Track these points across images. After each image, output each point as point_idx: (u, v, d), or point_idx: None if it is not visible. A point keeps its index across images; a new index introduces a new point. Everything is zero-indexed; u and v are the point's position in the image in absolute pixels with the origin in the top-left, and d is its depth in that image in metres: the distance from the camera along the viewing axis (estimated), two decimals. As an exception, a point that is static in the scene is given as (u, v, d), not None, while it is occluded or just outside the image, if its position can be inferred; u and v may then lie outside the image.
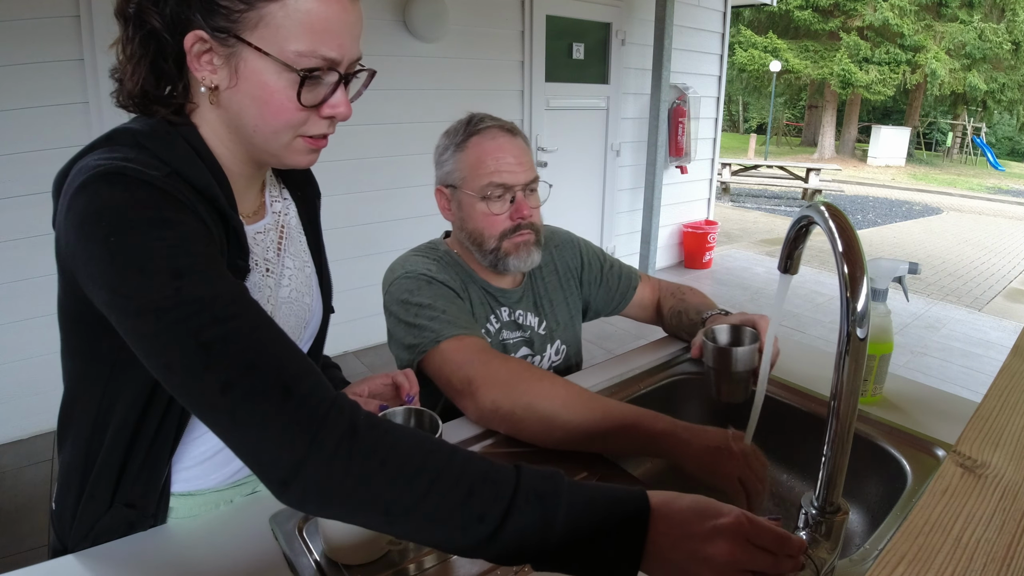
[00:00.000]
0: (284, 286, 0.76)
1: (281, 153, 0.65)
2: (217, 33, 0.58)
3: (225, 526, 0.75)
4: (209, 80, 0.61)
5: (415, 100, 3.30)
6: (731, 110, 25.78)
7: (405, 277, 1.09)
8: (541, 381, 0.91)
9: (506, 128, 1.12)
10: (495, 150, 1.08)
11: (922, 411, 1.04)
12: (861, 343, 0.53)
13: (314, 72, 0.60)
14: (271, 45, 0.58)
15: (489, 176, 1.08)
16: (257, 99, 0.60)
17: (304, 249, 0.82)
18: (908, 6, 15.13)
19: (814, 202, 0.60)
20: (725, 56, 5.01)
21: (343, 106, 0.64)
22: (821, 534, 0.58)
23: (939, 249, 6.68)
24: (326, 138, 0.67)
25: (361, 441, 0.49)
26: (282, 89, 0.60)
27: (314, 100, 0.62)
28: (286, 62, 0.58)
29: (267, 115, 0.61)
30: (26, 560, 0.72)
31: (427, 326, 1.01)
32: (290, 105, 0.61)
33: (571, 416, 0.87)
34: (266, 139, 0.63)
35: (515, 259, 1.12)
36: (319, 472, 0.47)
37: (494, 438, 0.95)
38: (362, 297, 3.39)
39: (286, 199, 0.81)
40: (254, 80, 0.60)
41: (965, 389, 3.12)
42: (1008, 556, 0.35)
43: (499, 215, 1.10)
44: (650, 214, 4.42)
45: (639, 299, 1.36)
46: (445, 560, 0.70)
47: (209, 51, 0.59)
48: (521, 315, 1.21)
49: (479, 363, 0.95)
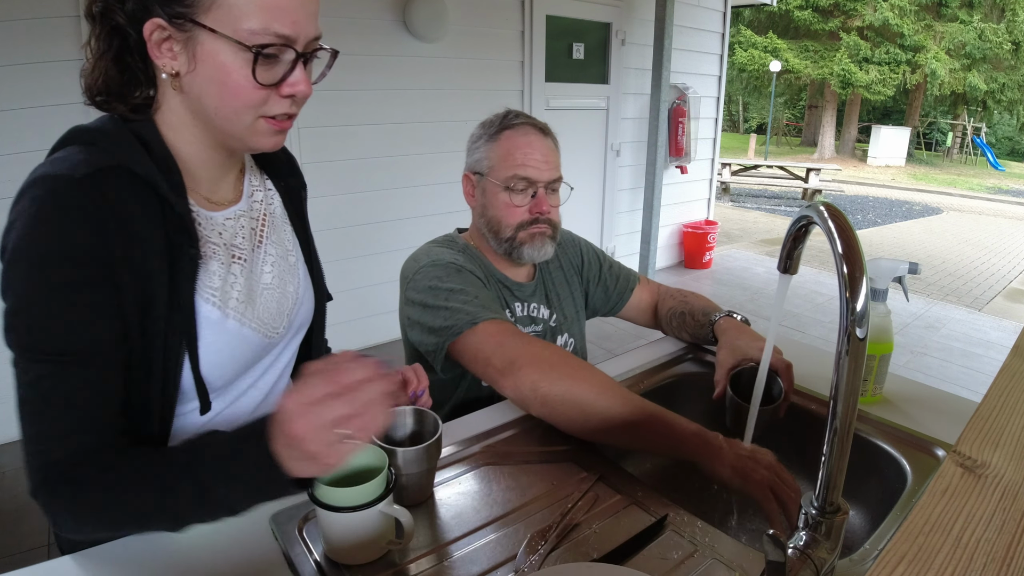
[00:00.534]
0: (266, 272, 0.77)
1: (245, 136, 0.66)
2: (175, 19, 0.60)
3: (225, 526, 0.75)
4: (170, 67, 0.62)
5: (415, 100, 3.30)
6: (731, 110, 25.78)
7: (433, 265, 1.10)
8: (581, 368, 0.93)
9: (539, 127, 1.17)
10: (525, 145, 1.14)
11: (922, 411, 1.04)
12: (861, 343, 0.53)
13: (266, 48, 0.61)
14: (225, 26, 0.59)
15: (515, 168, 1.13)
16: (215, 81, 0.62)
17: (289, 238, 0.83)
18: (908, 6, 15.13)
19: (814, 202, 0.60)
20: (725, 56, 5.01)
21: (303, 84, 0.64)
22: (821, 534, 0.58)
23: (939, 249, 6.68)
24: (291, 119, 0.68)
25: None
26: (238, 69, 0.61)
27: (272, 79, 0.63)
28: (240, 41, 0.60)
29: (226, 96, 0.62)
30: (26, 560, 0.72)
31: (462, 308, 1.02)
32: (247, 84, 0.62)
33: (606, 406, 0.88)
34: (228, 121, 0.64)
35: (529, 248, 1.16)
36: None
37: (509, 431, 0.96)
38: (362, 297, 3.39)
39: (270, 189, 0.83)
40: (211, 62, 0.61)
41: (965, 389, 3.12)
42: (1008, 556, 0.35)
43: (519, 207, 1.15)
44: (650, 214, 4.42)
45: (636, 302, 1.38)
46: (445, 560, 0.70)
47: (169, 38, 0.61)
48: (535, 308, 1.24)
49: (521, 344, 0.97)
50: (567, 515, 0.76)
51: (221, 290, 0.70)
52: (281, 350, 0.82)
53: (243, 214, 0.76)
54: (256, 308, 0.74)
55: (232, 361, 0.72)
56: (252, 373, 0.78)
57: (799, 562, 0.57)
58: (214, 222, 0.72)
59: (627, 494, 0.82)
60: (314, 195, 3.44)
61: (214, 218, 0.72)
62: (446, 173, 3.45)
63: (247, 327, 0.72)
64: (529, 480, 0.85)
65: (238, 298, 0.71)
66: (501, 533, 0.74)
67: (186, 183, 0.68)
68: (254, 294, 0.75)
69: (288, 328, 0.80)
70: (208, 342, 0.68)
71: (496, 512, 0.78)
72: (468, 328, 1.00)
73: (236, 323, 0.71)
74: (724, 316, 1.20)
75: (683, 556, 0.71)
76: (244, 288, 0.73)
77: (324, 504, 0.65)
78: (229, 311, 0.70)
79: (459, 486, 0.84)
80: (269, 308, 0.76)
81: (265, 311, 0.75)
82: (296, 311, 0.82)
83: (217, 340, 0.69)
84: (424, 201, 3.45)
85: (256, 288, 0.75)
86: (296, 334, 0.84)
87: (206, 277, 0.68)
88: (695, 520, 0.77)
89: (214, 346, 0.69)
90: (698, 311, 1.26)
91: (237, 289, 0.72)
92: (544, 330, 1.25)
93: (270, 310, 0.76)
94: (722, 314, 1.21)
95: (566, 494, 0.81)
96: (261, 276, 0.76)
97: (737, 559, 0.71)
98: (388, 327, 3.46)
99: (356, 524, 0.66)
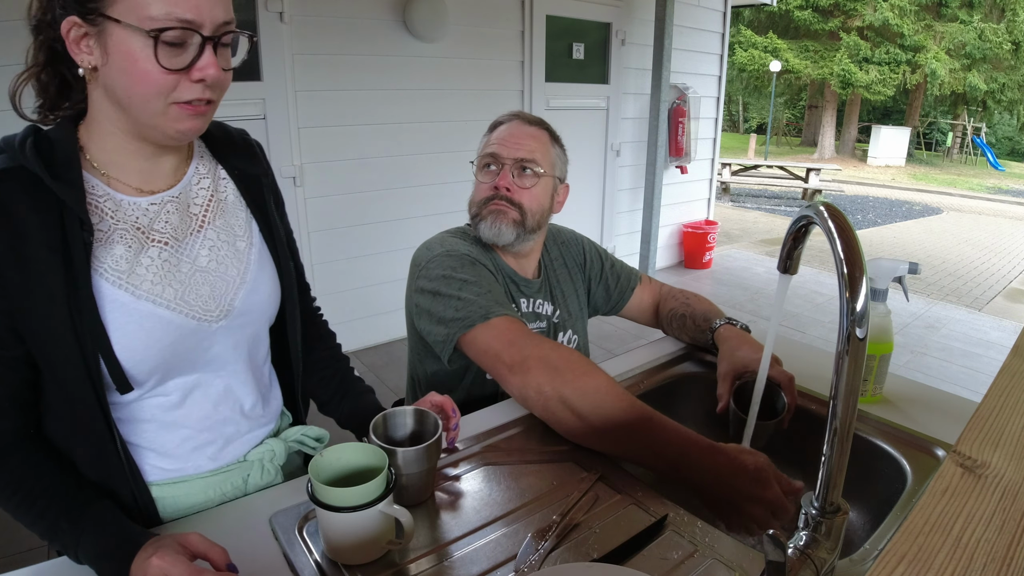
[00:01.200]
0: (202, 256, 0.78)
1: (159, 122, 0.69)
2: (87, 16, 0.64)
3: (225, 526, 0.76)
4: (87, 61, 0.66)
5: (415, 100, 3.30)
6: (731, 110, 25.78)
7: (447, 255, 1.10)
8: (585, 376, 0.92)
9: (525, 119, 1.20)
10: (504, 131, 1.18)
11: (922, 411, 1.04)
12: (860, 343, 0.53)
13: (165, 32, 0.63)
14: (130, 15, 0.63)
15: (486, 149, 1.18)
16: (124, 70, 0.65)
17: (242, 225, 0.84)
18: (908, 6, 15.13)
19: (813, 202, 0.60)
20: (725, 56, 5.01)
21: (211, 67, 0.67)
22: (821, 534, 0.58)
23: (939, 249, 6.68)
24: (210, 104, 0.71)
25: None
26: (145, 56, 0.64)
27: (180, 64, 0.66)
28: (143, 28, 0.63)
29: (135, 83, 0.66)
30: (26, 560, 0.72)
31: (475, 301, 1.02)
32: (152, 69, 0.65)
33: (607, 415, 0.88)
34: (140, 108, 0.68)
35: (485, 225, 1.16)
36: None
37: (510, 431, 0.96)
38: (362, 297, 3.39)
39: (223, 178, 0.84)
40: (120, 51, 0.65)
41: (965, 389, 3.12)
42: (1008, 556, 0.35)
43: (484, 183, 1.17)
44: (650, 214, 4.42)
45: (637, 301, 1.38)
46: (445, 560, 0.70)
47: (85, 35, 0.65)
48: (539, 304, 1.25)
49: (532, 344, 0.96)
50: (567, 515, 0.76)
51: (129, 272, 0.71)
52: (227, 334, 0.81)
53: (172, 199, 0.77)
54: (181, 289, 0.75)
55: (153, 341, 0.73)
56: (195, 355, 0.78)
57: (799, 562, 0.57)
58: (134, 207, 0.74)
59: (627, 494, 0.82)
60: (314, 195, 3.44)
61: (136, 203, 0.74)
62: (446, 173, 3.45)
63: (164, 308, 0.73)
64: (529, 480, 0.85)
65: (153, 280, 0.73)
66: (501, 533, 0.75)
67: (112, 173, 0.73)
68: (180, 276, 0.76)
69: (228, 312, 0.80)
70: (120, 324, 0.70)
71: (496, 512, 0.78)
72: (481, 322, 1.00)
73: (150, 304, 0.72)
74: (724, 324, 1.20)
75: (683, 556, 0.71)
76: (163, 270, 0.74)
77: (324, 504, 0.65)
78: (141, 293, 0.72)
79: (459, 486, 0.84)
80: (199, 291, 0.77)
81: (193, 293, 0.76)
82: (240, 295, 0.81)
83: (130, 321, 0.71)
84: (424, 201, 3.45)
85: (186, 270, 0.76)
86: (247, 319, 0.83)
87: (110, 260, 0.70)
88: (695, 520, 0.77)
89: (127, 327, 0.71)
90: (699, 315, 1.26)
91: (152, 271, 0.73)
92: (548, 326, 1.25)
93: (200, 293, 0.77)
94: (723, 321, 1.21)
95: (566, 494, 0.81)
96: (196, 259, 0.78)
97: (737, 559, 0.71)
98: (388, 327, 3.46)
99: (356, 524, 0.66)
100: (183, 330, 0.75)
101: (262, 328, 0.87)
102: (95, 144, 0.72)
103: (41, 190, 0.66)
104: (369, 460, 0.73)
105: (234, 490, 0.84)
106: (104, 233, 0.71)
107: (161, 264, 0.74)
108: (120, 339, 0.70)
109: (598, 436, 0.89)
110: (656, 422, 0.86)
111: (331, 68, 2.99)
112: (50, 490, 0.68)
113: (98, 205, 0.71)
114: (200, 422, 0.80)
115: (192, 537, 0.63)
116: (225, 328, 0.80)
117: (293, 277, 0.90)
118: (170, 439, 0.79)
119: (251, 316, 0.83)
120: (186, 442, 0.80)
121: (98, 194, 0.72)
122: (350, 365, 1.02)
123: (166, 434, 0.78)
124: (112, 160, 0.73)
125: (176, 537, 0.63)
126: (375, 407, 0.94)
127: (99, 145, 0.72)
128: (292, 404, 0.96)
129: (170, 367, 0.76)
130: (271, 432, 0.90)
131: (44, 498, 0.68)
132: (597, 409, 0.88)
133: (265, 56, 2.79)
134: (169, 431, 0.78)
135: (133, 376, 0.72)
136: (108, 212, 0.72)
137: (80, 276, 0.67)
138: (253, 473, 0.85)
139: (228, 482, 0.83)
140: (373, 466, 0.72)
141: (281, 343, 0.92)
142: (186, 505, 0.80)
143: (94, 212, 0.71)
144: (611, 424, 0.87)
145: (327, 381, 0.98)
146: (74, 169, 0.69)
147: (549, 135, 1.21)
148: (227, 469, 0.84)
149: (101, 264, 0.70)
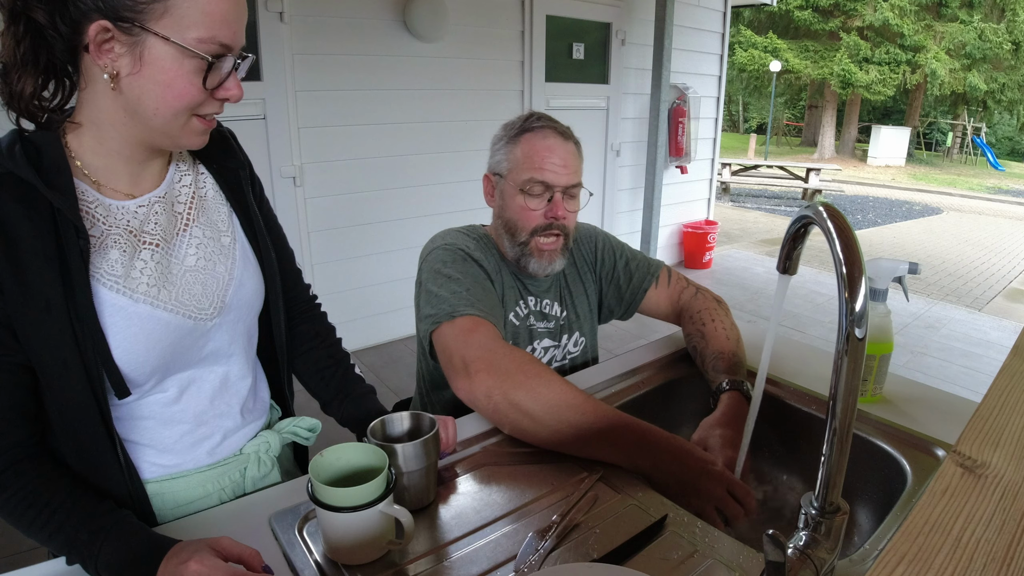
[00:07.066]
0: (190, 255, 0.79)
1: (178, 134, 0.71)
2: (121, 23, 0.63)
3: (225, 526, 0.76)
4: (111, 67, 0.65)
5: (415, 100, 3.30)
6: (731, 110, 25.77)
7: (444, 249, 1.11)
8: (537, 379, 0.91)
9: (559, 131, 1.14)
10: (543, 149, 1.12)
11: (922, 411, 1.04)
12: (860, 343, 0.53)
13: (210, 55, 0.66)
14: (175, 33, 0.64)
15: (532, 172, 1.11)
16: (160, 83, 0.66)
17: (224, 219, 0.84)
18: (908, 6, 15.13)
19: (813, 202, 0.60)
20: (725, 56, 5.01)
21: (236, 88, 0.71)
22: (821, 534, 0.58)
23: (939, 249, 6.68)
24: (215, 116, 0.74)
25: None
26: (185, 74, 0.66)
27: (213, 83, 0.69)
28: (189, 48, 0.65)
29: (169, 98, 0.67)
30: (26, 560, 0.72)
31: (447, 299, 1.02)
32: (193, 89, 0.67)
33: (552, 420, 0.88)
34: (165, 120, 0.69)
35: (537, 262, 1.15)
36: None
37: (500, 436, 0.95)
38: (362, 297, 3.39)
39: (202, 173, 0.84)
40: (158, 66, 0.65)
41: (965, 389, 3.12)
42: (1008, 556, 0.35)
43: (535, 211, 1.13)
44: (650, 214, 4.42)
45: (652, 305, 1.31)
46: (445, 560, 0.71)
47: (111, 39, 0.64)
48: (548, 304, 1.23)
49: (484, 348, 0.95)
50: (567, 515, 0.76)
51: (125, 276, 0.71)
52: (222, 330, 0.82)
53: (158, 200, 0.77)
54: (175, 290, 0.76)
55: (153, 343, 0.73)
56: (192, 353, 0.79)
57: (799, 562, 0.57)
58: (124, 211, 0.74)
59: (627, 494, 0.82)
60: (314, 195, 3.43)
61: (125, 207, 0.74)
62: (446, 173, 3.45)
63: (162, 310, 0.73)
64: (529, 480, 0.85)
65: (148, 282, 0.73)
66: (501, 533, 0.75)
67: (102, 179, 0.72)
68: (172, 277, 0.76)
69: (221, 309, 0.80)
70: (120, 328, 0.70)
71: (496, 512, 0.78)
72: (447, 320, 0.99)
73: (148, 307, 0.72)
74: (728, 392, 1.06)
75: (683, 556, 0.71)
76: (157, 272, 0.74)
77: (324, 504, 0.65)
78: (139, 296, 0.72)
79: (459, 486, 0.84)
80: (192, 290, 0.77)
81: (186, 293, 0.77)
82: (230, 292, 0.82)
83: (130, 325, 0.71)
84: (424, 201, 3.45)
85: (176, 271, 0.77)
86: (239, 313, 0.84)
87: (105, 265, 0.70)
88: (695, 520, 0.77)
89: (127, 331, 0.71)
90: (709, 357, 1.15)
91: (147, 274, 0.73)
92: (555, 327, 1.24)
93: (193, 292, 0.77)
94: (727, 387, 1.06)
95: (566, 494, 0.81)
96: (185, 259, 0.78)
97: (737, 559, 0.71)
98: (388, 327, 3.46)
99: (356, 524, 0.66)
100: (181, 330, 0.75)
101: (253, 320, 0.88)
102: (88, 150, 0.71)
103: (32, 197, 0.66)
104: (369, 460, 0.73)
105: (232, 484, 0.84)
106: (97, 239, 0.71)
107: (155, 266, 0.74)
108: (120, 343, 0.70)
109: (560, 441, 0.88)
110: (628, 425, 0.87)
111: (331, 68, 2.99)
112: (68, 502, 0.67)
113: (90, 211, 0.71)
114: (198, 416, 0.81)
115: (224, 541, 0.63)
116: (220, 324, 0.80)
117: (275, 267, 0.90)
118: (169, 435, 0.79)
119: (242, 311, 0.84)
120: (185, 437, 0.80)
121: (89, 200, 0.71)
122: (351, 363, 1.02)
123: (165, 430, 0.79)
124: (104, 165, 0.72)
125: (208, 541, 0.63)
126: (376, 410, 0.94)
127: (93, 151, 0.71)
128: (279, 396, 0.97)
129: (168, 367, 0.76)
130: (264, 425, 0.91)
131: (62, 511, 0.67)
132: (552, 410, 0.88)
133: (265, 56, 2.79)
134: (168, 426, 0.79)
135: (133, 379, 0.72)
136: (100, 217, 0.72)
137: (78, 283, 0.67)
138: (250, 466, 0.86)
139: (226, 476, 0.84)
140: (373, 466, 0.72)
141: (265, 333, 0.92)
142: (184, 500, 0.80)
143: (86, 218, 0.70)
144: (568, 424, 0.87)
145: (328, 381, 0.98)
146: (64, 175, 0.68)
147: (576, 146, 1.17)
148: (225, 463, 0.84)
149: (97, 270, 0.70)
